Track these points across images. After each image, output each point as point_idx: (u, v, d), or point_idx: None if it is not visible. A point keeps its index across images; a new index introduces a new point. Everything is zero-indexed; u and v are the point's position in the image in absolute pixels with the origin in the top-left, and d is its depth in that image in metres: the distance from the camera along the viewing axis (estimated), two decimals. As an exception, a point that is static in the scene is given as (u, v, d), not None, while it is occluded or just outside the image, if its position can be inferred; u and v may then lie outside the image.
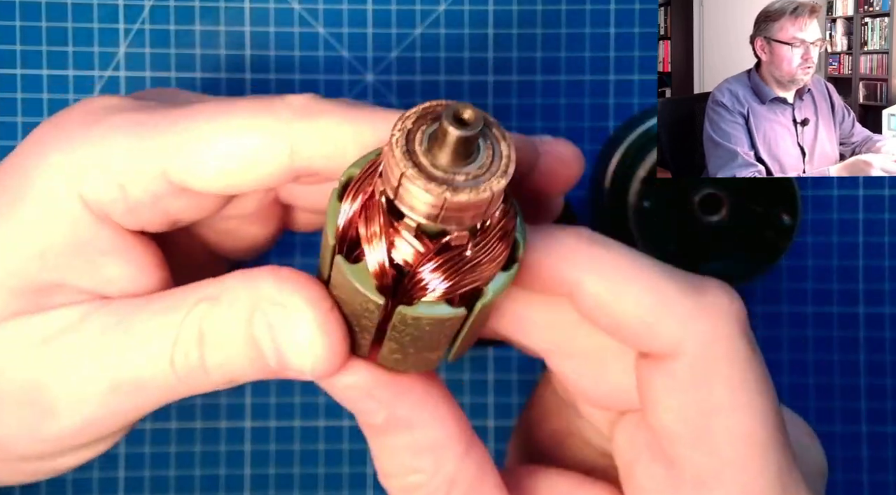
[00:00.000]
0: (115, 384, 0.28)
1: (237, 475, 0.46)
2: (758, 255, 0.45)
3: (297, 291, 0.26)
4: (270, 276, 0.27)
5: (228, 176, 0.27)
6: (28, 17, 0.44)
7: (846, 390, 0.47)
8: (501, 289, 0.26)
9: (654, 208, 0.44)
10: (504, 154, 0.24)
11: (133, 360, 0.28)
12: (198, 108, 0.28)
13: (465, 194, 0.23)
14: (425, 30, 0.45)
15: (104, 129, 0.28)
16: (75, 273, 0.29)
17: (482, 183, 0.24)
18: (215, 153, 0.27)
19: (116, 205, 0.28)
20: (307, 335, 0.26)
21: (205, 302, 0.28)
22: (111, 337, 0.28)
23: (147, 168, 0.27)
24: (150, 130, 0.27)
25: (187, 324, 0.28)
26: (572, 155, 0.30)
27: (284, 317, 0.27)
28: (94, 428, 0.29)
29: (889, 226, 0.46)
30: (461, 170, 0.24)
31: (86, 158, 0.28)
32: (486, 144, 0.24)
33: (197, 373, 0.28)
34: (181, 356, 0.28)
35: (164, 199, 0.28)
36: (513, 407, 0.47)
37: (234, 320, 0.27)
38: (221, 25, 0.45)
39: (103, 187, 0.28)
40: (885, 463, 0.47)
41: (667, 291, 0.28)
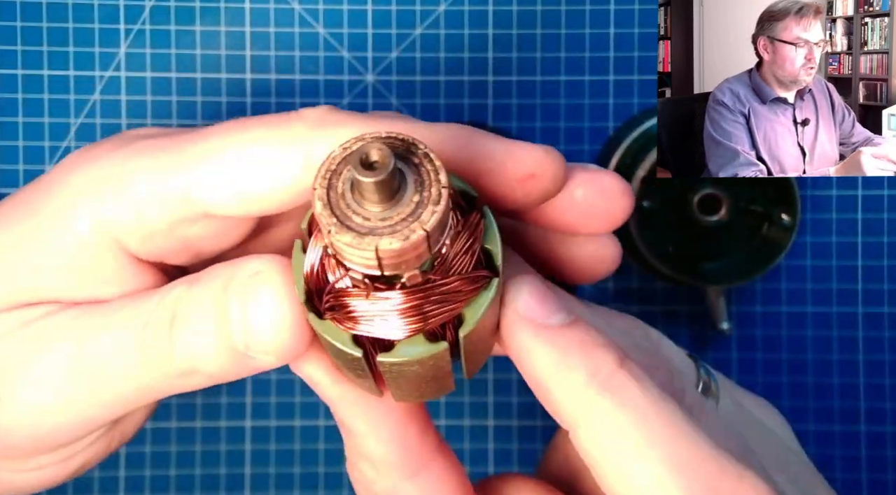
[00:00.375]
0: (75, 369, 0.27)
1: (237, 474, 0.46)
2: (757, 255, 0.45)
3: (275, 267, 0.26)
4: (252, 258, 0.26)
5: (244, 190, 0.27)
6: (29, 17, 0.44)
7: (845, 389, 0.47)
8: (483, 310, 0.24)
9: (654, 208, 0.44)
10: (433, 179, 0.22)
11: (98, 344, 0.27)
12: (214, 128, 0.28)
13: (396, 241, 0.22)
14: (425, 30, 0.45)
15: (127, 153, 0.28)
16: (66, 293, 0.28)
17: (413, 223, 0.22)
18: (229, 167, 0.27)
19: (130, 229, 0.28)
20: (276, 308, 0.26)
21: (184, 284, 0.27)
22: (80, 321, 0.28)
23: (163, 190, 0.27)
24: (169, 152, 0.27)
25: (162, 305, 0.27)
26: (619, 189, 0.28)
27: (256, 289, 0.26)
28: (49, 419, 0.28)
29: (888, 225, 0.46)
30: (388, 213, 0.22)
31: (105, 180, 0.27)
32: (412, 172, 0.22)
33: (162, 358, 0.27)
34: (149, 337, 0.27)
35: (182, 225, 0.28)
36: (513, 406, 0.47)
37: (209, 296, 0.26)
38: (222, 26, 0.45)
39: (119, 209, 0.27)
40: (883, 462, 0.47)
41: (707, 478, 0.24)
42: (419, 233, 0.22)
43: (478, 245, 0.25)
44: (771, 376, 0.47)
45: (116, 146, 0.28)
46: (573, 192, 0.28)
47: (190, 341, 0.27)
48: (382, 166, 0.21)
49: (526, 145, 0.27)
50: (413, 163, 0.23)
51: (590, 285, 0.46)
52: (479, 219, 0.25)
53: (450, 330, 0.25)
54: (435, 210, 0.22)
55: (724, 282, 0.44)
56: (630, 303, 0.47)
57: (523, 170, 0.27)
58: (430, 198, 0.22)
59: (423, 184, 0.22)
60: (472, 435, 0.47)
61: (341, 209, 0.22)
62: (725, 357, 0.47)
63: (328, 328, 0.24)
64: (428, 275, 0.23)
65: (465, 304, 0.24)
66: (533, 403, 0.47)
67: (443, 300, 0.24)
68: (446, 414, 0.47)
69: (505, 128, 0.45)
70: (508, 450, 0.47)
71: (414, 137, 0.23)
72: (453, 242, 0.24)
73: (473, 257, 0.24)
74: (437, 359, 0.25)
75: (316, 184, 0.22)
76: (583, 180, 0.28)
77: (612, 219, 0.29)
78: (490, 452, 0.47)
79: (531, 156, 0.27)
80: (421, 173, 0.22)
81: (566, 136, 0.46)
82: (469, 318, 0.24)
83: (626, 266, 0.46)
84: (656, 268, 0.44)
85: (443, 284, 0.24)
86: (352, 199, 0.22)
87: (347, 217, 0.22)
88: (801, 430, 0.47)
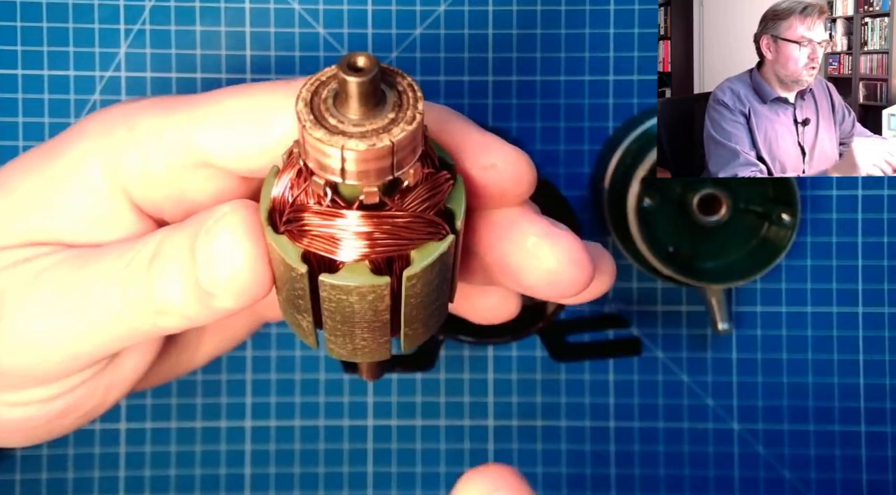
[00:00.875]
0: (63, 304, 0.29)
1: (237, 474, 0.46)
2: (757, 255, 0.45)
3: (240, 210, 0.27)
4: (226, 203, 0.28)
5: (242, 142, 0.28)
6: (29, 17, 0.44)
7: (845, 390, 0.47)
8: (432, 259, 0.25)
9: (654, 208, 0.44)
10: (411, 104, 0.24)
11: (86, 281, 0.29)
12: (223, 88, 0.29)
13: (362, 144, 0.23)
14: (425, 30, 0.45)
15: (139, 106, 0.30)
16: (69, 234, 0.30)
17: (382, 133, 0.23)
18: (230, 118, 0.28)
19: (136, 175, 0.29)
20: (235, 249, 0.27)
21: (167, 229, 0.29)
22: (73, 261, 0.30)
23: (167, 136, 0.29)
24: (177, 105, 0.29)
25: (145, 246, 0.29)
26: (523, 174, 0.29)
27: (219, 230, 0.27)
28: (36, 349, 0.30)
29: (888, 225, 0.46)
30: (363, 121, 0.23)
31: (115, 127, 0.29)
32: (394, 95, 0.24)
33: (140, 296, 0.28)
34: (130, 275, 0.28)
35: (182, 172, 0.29)
36: (513, 406, 0.47)
37: (184, 238, 0.28)
38: (222, 26, 0.45)
39: (125, 153, 0.29)
40: (884, 462, 0.47)
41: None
42: (385, 143, 0.23)
43: (441, 197, 0.26)
44: (771, 376, 0.47)
45: (130, 102, 0.31)
46: (526, 237, 0.29)
47: (164, 280, 0.28)
48: (367, 71, 0.23)
49: (502, 141, 0.28)
50: (397, 89, 0.24)
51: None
52: (448, 178, 0.26)
53: (396, 274, 0.26)
54: (406, 128, 0.23)
55: (724, 282, 0.44)
56: (630, 304, 0.47)
57: (488, 160, 0.28)
58: (404, 119, 0.24)
59: (402, 107, 0.24)
60: (472, 435, 0.47)
61: (320, 111, 0.24)
62: (725, 357, 0.47)
63: (281, 243, 0.25)
64: (386, 200, 0.25)
65: (415, 247, 0.25)
66: (533, 403, 0.47)
67: (395, 233, 0.25)
68: (446, 415, 0.47)
69: (505, 129, 0.45)
70: (508, 450, 0.47)
71: (391, 67, 0.25)
72: (417, 183, 0.25)
73: (435, 206, 0.26)
74: (377, 295, 0.25)
75: (303, 88, 0.24)
76: (489, 181, 0.28)
77: (521, 198, 0.29)
78: (490, 452, 0.47)
79: (500, 149, 0.28)
80: (402, 98, 0.24)
81: (566, 136, 0.46)
82: (417, 261, 0.25)
83: (626, 266, 0.46)
84: (656, 268, 0.44)
85: (398, 215, 0.25)
86: (332, 106, 0.24)
87: (324, 118, 0.24)
88: (801, 430, 0.47)
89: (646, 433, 0.47)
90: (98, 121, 0.30)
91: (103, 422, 0.46)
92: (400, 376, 0.46)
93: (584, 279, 0.29)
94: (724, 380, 0.47)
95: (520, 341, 0.45)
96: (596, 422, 0.47)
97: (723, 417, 0.47)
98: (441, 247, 0.26)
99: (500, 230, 0.29)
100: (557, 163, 0.46)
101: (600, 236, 0.46)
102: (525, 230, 0.29)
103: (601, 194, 0.45)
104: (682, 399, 0.47)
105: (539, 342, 0.46)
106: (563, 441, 0.47)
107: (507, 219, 0.29)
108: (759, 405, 0.47)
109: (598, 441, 0.47)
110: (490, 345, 0.46)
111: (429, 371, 0.44)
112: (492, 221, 0.29)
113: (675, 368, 0.47)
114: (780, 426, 0.47)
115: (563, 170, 0.46)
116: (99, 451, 0.46)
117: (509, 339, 0.44)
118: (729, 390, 0.47)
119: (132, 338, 0.30)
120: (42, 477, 0.46)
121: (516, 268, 0.29)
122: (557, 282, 0.29)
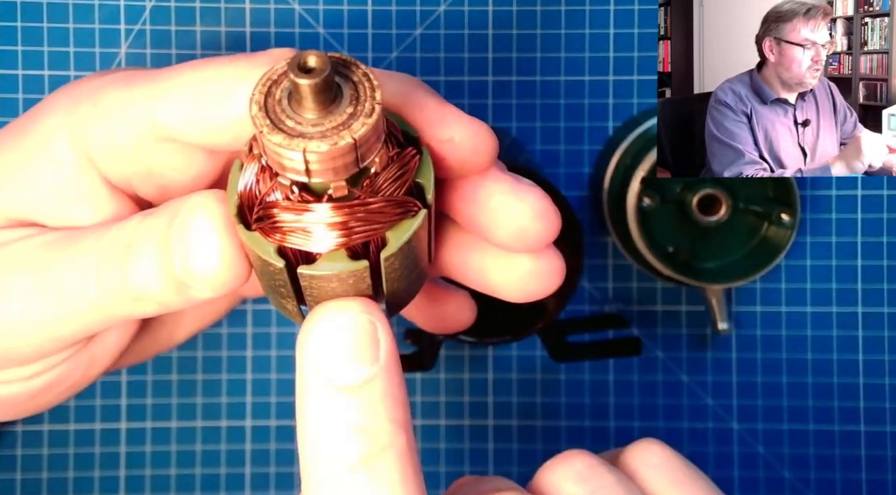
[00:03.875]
0: (40, 288, 0.29)
1: (238, 474, 0.46)
2: (757, 255, 0.45)
3: (214, 201, 0.27)
4: (199, 193, 0.27)
5: (203, 116, 0.28)
6: (29, 17, 0.44)
7: (845, 390, 0.47)
8: (408, 236, 0.25)
9: (654, 208, 0.44)
10: (369, 95, 0.23)
11: (62, 266, 0.29)
12: (185, 62, 0.29)
13: (324, 144, 0.23)
14: (425, 30, 0.45)
15: (104, 80, 0.30)
16: (45, 213, 0.30)
17: (343, 131, 0.23)
18: (192, 93, 0.28)
19: (101, 147, 0.29)
20: (210, 239, 0.27)
21: (140, 215, 0.29)
22: (50, 245, 0.30)
23: (131, 110, 0.29)
24: (140, 79, 0.29)
25: (119, 234, 0.29)
26: (481, 145, 0.28)
27: (193, 221, 0.27)
28: (14, 331, 0.30)
29: (887, 225, 0.46)
30: (321, 120, 0.23)
31: (81, 100, 0.29)
32: (350, 87, 0.24)
33: (116, 283, 0.28)
34: (105, 262, 0.28)
35: (147, 147, 0.29)
36: (513, 406, 0.47)
37: (158, 227, 0.28)
38: (222, 26, 0.45)
39: (91, 126, 0.29)
40: (883, 462, 0.47)
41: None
42: (347, 140, 0.23)
43: (409, 175, 0.26)
44: (771, 376, 0.47)
45: (97, 76, 0.30)
46: (491, 197, 0.29)
47: (138, 268, 0.28)
48: (319, 71, 0.22)
49: (459, 113, 0.28)
50: (352, 81, 0.24)
51: (589, 286, 0.46)
52: (414, 154, 0.26)
53: (373, 252, 0.26)
54: (366, 122, 0.23)
55: (723, 282, 0.44)
56: (630, 304, 0.47)
57: (445, 134, 0.28)
58: (362, 111, 0.23)
59: (359, 100, 0.23)
60: (472, 436, 0.47)
61: (276, 113, 0.23)
62: (725, 357, 0.47)
63: (255, 240, 0.25)
64: (355, 191, 0.24)
65: (389, 227, 0.25)
66: (533, 403, 0.47)
67: (368, 219, 0.25)
68: (446, 415, 0.47)
69: (505, 128, 0.45)
70: (508, 450, 0.47)
71: (356, 59, 0.24)
72: (385, 167, 0.25)
73: (404, 185, 0.25)
74: (357, 278, 0.25)
75: (255, 90, 0.23)
76: (447, 151, 0.28)
77: (485, 165, 0.29)
78: (490, 452, 0.47)
79: (457, 122, 0.28)
80: (358, 90, 0.24)
81: (566, 136, 0.46)
82: (392, 242, 0.25)
83: (626, 266, 0.46)
84: (656, 268, 0.44)
85: (369, 202, 0.25)
86: (287, 106, 0.23)
87: (281, 121, 0.23)
88: (800, 430, 0.47)
89: (646, 433, 0.47)
90: (64, 94, 0.30)
91: (104, 422, 0.46)
92: (400, 376, 0.46)
93: (551, 231, 0.29)
94: (724, 380, 0.47)
95: (520, 341, 0.45)
96: (596, 422, 0.47)
97: (722, 417, 0.47)
98: (414, 223, 0.26)
99: (465, 192, 0.29)
100: (557, 163, 0.46)
101: (600, 236, 0.46)
102: (490, 190, 0.29)
103: (601, 194, 0.45)
104: (681, 399, 0.47)
105: (539, 342, 0.46)
106: (563, 441, 0.47)
107: (470, 182, 0.29)
108: (758, 405, 0.47)
109: (599, 441, 0.47)
110: (490, 345, 0.46)
111: (429, 371, 0.45)
112: (456, 185, 0.29)
113: (674, 368, 0.47)
114: (780, 426, 0.47)
115: (563, 170, 0.46)
116: (99, 451, 0.46)
117: (509, 339, 0.44)
118: (729, 390, 0.47)
119: (110, 322, 0.30)
120: (43, 476, 0.46)
121: (485, 227, 0.29)
122: (525, 236, 0.29)
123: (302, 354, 0.26)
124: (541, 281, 0.31)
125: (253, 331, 0.46)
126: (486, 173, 0.29)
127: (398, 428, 0.26)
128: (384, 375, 0.26)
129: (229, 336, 0.46)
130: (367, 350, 0.26)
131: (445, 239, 0.32)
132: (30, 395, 0.33)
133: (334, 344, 0.26)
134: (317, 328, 0.26)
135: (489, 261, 0.31)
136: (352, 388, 0.26)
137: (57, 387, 0.33)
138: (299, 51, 0.23)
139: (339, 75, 0.24)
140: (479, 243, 0.31)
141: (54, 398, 0.34)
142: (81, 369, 0.33)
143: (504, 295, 0.32)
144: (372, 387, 0.26)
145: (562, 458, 0.30)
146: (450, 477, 0.46)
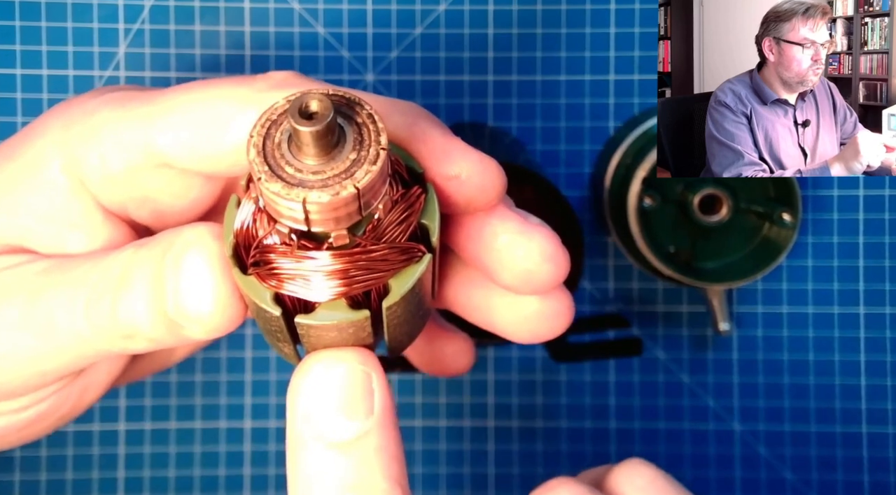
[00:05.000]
0: (27, 321, 0.28)
1: (237, 475, 0.46)
2: (758, 255, 0.44)
3: (209, 238, 0.25)
4: (194, 226, 0.26)
5: (199, 143, 0.27)
6: (28, 16, 0.44)
7: (847, 390, 0.47)
8: (411, 283, 0.24)
9: (654, 208, 0.44)
10: (374, 140, 0.22)
11: (51, 299, 0.27)
12: (182, 84, 0.28)
13: (325, 195, 0.21)
14: (425, 30, 0.45)
15: (98, 102, 0.29)
16: (37, 239, 0.29)
17: (345, 179, 0.21)
18: (187, 119, 0.27)
19: (95, 173, 0.28)
20: (205, 280, 0.25)
21: (133, 247, 0.27)
22: (40, 276, 0.28)
23: (125, 136, 0.27)
24: (135, 102, 0.28)
25: (111, 266, 0.27)
26: (489, 183, 0.27)
27: (187, 259, 0.25)
28: (1, 364, 0.28)
29: (889, 226, 0.46)
30: (322, 168, 0.21)
31: (74, 123, 0.28)
32: (353, 130, 0.22)
33: (106, 319, 0.27)
34: (96, 297, 0.27)
35: (142, 173, 0.28)
36: (513, 407, 0.47)
37: (150, 261, 0.26)
38: (221, 25, 0.45)
39: (85, 152, 0.28)
40: (885, 463, 0.47)
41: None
42: (350, 190, 0.21)
43: (414, 217, 0.24)
44: (772, 377, 0.47)
45: (91, 97, 0.29)
46: (497, 236, 0.28)
47: (130, 305, 0.26)
48: (321, 117, 0.21)
49: (465, 148, 0.27)
50: (356, 122, 0.22)
51: (590, 287, 0.46)
52: (419, 193, 0.24)
53: (374, 299, 0.24)
54: (370, 170, 0.22)
55: (724, 282, 0.44)
56: (630, 304, 0.46)
57: (451, 170, 0.26)
58: (367, 158, 0.22)
59: (363, 144, 0.22)
60: (472, 436, 0.47)
61: (275, 158, 0.22)
62: (726, 357, 0.47)
63: (251, 284, 0.24)
64: (357, 238, 0.23)
65: (393, 275, 0.24)
66: (533, 404, 0.47)
67: (369, 267, 0.23)
68: (447, 415, 0.46)
69: (505, 128, 0.45)
70: (508, 451, 0.47)
71: (360, 97, 0.22)
72: (389, 210, 0.23)
73: (408, 229, 0.24)
74: (357, 327, 0.24)
75: (253, 131, 0.22)
76: (455, 189, 0.27)
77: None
78: (490, 453, 0.47)
79: (464, 158, 0.26)
80: (362, 133, 0.22)
81: (566, 136, 0.45)
82: (395, 290, 0.24)
83: (626, 266, 0.46)
84: (656, 268, 0.44)
85: (371, 250, 0.23)
86: (287, 151, 0.22)
87: (280, 167, 0.22)
88: (802, 431, 0.47)
89: (646, 434, 0.47)
90: (57, 115, 0.29)
91: (102, 423, 0.46)
92: (400, 377, 0.46)
93: (559, 274, 0.28)
94: (725, 381, 0.47)
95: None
96: (596, 423, 0.47)
97: (724, 418, 0.47)
98: (418, 270, 0.24)
99: (470, 230, 0.28)
100: (557, 163, 0.46)
101: (600, 236, 0.46)
102: (495, 229, 0.28)
103: (601, 194, 0.45)
104: (682, 399, 0.47)
105: (539, 343, 0.46)
106: (563, 441, 0.47)
107: (476, 219, 0.28)
108: (760, 406, 0.47)
109: (599, 442, 0.47)
110: (490, 345, 0.45)
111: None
112: (461, 221, 0.28)
113: (675, 369, 0.47)
114: (782, 427, 0.47)
115: (563, 170, 0.46)
116: (98, 452, 0.46)
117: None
118: (730, 391, 0.47)
119: (99, 357, 0.29)
120: (41, 478, 0.46)
121: (490, 268, 0.28)
122: (532, 280, 0.28)
123: (293, 406, 0.25)
124: (548, 322, 0.30)
125: (252, 332, 0.46)
126: (493, 211, 0.28)
127: (393, 486, 0.25)
128: (379, 429, 0.25)
129: (228, 336, 0.46)
130: (361, 403, 0.25)
131: (450, 275, 0.31)
132: (18, 428, 0.31)
133: (326, 397, 0.25)
134: (308, 379, 0.25)
135: (495, 299, 0.30)
136: (344, 444, 0.24)
137: (47, 419, 0.32)
138: (301, 92, 0.22)
139: (343, 116, 0.22)
140: (485, 280, 0.30)
141: (45, 429, 0.32)
142: (73, 400, 0.32)
143: (510, 336, 0.30)
144: (366, 443, 0.25)
145: (547, 489, 0.29)
146: (450, 478, 0.46)
